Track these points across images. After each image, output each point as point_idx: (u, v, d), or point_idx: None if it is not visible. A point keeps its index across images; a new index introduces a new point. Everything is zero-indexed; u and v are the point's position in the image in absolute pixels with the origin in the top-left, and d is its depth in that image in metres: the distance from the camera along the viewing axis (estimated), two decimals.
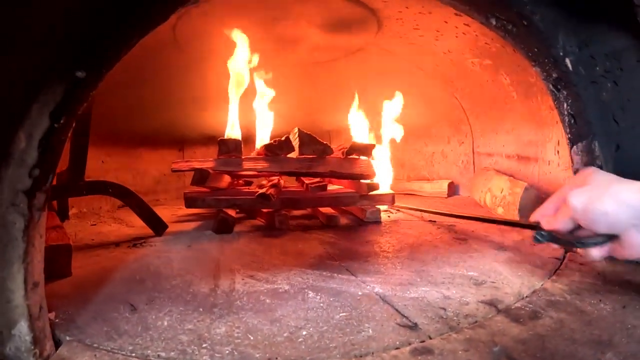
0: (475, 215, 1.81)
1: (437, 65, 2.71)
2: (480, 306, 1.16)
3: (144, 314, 1.15)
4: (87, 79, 0.93)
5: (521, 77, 2.14)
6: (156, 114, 2.83)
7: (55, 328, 1.03)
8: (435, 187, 3.11)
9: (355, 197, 2.26)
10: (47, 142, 0.88)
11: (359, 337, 1.01)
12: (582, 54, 1.36)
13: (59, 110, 0.89)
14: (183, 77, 2.62)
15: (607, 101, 1.37)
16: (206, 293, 1.30)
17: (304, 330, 1.05)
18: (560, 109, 1.48)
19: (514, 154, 2.53)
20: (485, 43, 2.11)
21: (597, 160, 1.43)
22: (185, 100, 2.76)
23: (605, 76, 1.35)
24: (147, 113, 2.78)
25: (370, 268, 1.50)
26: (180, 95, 2.73)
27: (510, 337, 0.98)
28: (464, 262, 1.54)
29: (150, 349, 0.97)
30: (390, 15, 2.25)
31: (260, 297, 1.26)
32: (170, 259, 1.66)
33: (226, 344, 0.98)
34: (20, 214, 0.86)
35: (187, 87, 2.66)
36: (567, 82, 1.40)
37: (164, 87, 2.64)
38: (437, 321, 1.08)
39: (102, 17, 0.93)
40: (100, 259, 1.71)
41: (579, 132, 1.46)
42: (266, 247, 1.83)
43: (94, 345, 0.98)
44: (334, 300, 1.22)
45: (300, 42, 2.59)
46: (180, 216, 2.55)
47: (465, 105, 2.92)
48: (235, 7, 2.13)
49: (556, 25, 1.34)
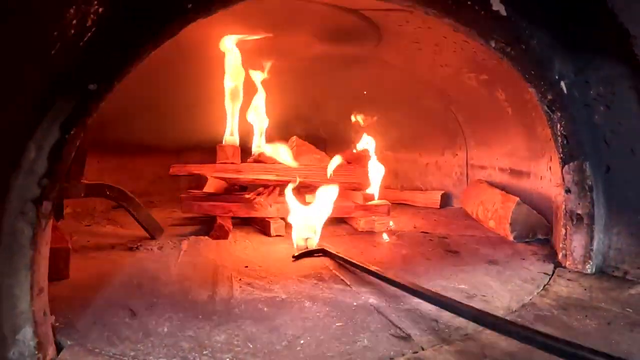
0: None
1: (434, 78, 2.74)
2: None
3: (144, 320, 1.18)
4: (99, 91, 0.95)
5: (516, 93, 2.17)
6: (155, 117, 2.85)
7: (57, 332, 1.05)
8: (428, 198, 3.13)
9: (351, 207, 2.29)
10: (56, 153, 0.90)
11: (355, 347, 1.04)
12: (577, 79, 1.40)
13: (69, 121, 0.91)
14: (184, 81, 2.63)
15: (599, 124, 1.42)
16: (205, 300, 1.32)
17: (302, 339, 1.08)
18: (553, 129, 1.52)
19: (507, 168, 2.57)
20: (482, 59, 2.15)
21: (587, 180, 1.47)
22: (185, 104, 2.77)
23: (598, 100, 1.40)
24: (146, 116, 2.80)
25: (364, 278, 1.52)
26: (180, 99, 2.74)
27: (499, 349, 1.01)
28: (455, 275, 1.57)
29: (152, 355, 0.99)
30: (390, 28, 2.28)
31: (258, 305, 1.29)
32: (168, 264, 1.69)
33: (226, 352, 1.01)
34: (28, 223, 0.88)
35: (187, 92, 2.68)
36: (561, 104, 1.44)
37: (165, 91, 2.66)
38: (429, 333, 1.11)
39: (117, 31, 0.95)
40: (97, 261, 1.73)
41: (570, 152, 1.49)
42: (262, 254, 1.86)
43: (95, 350, 1.00)
44: (330, 310, 1.25)
45: (301, 52, 2.61)
46: (175, 219, 2.55)
47: (461, 118, 2.95)
48: (238, 16, 2.15)
49: (553, 50, 1.38)
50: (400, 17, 2.10)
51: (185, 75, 2.63)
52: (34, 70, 0.88)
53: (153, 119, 2.87)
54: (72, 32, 0.89)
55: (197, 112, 2.76)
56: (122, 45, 0.97)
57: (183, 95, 2.72)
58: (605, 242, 1.54)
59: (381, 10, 2.07)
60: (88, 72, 0.93)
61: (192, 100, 2.71)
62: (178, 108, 2.82)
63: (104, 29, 0.93)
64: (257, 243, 2.08)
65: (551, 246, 1.93)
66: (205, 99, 2.56)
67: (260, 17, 2.20)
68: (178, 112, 2.85)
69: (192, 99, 2.69)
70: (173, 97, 2.74)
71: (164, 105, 2.78)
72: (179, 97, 2.73)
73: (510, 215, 2.07)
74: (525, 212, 2.07)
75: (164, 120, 2.90)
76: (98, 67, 0.94)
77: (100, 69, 0.95)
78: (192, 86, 2.64)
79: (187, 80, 2.65)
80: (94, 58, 0.93)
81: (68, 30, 0.88)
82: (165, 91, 2.68)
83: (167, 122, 2.92)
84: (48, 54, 0.88)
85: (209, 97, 2.53)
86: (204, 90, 2.56)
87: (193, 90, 2.66)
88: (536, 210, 2.09)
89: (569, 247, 1.61)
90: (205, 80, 2.57)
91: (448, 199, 3.15)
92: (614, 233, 1.52)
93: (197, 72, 2.63)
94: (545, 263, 1.71)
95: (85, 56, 0.92)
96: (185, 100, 2.74)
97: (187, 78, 2.63)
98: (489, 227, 2.35)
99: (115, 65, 0.98)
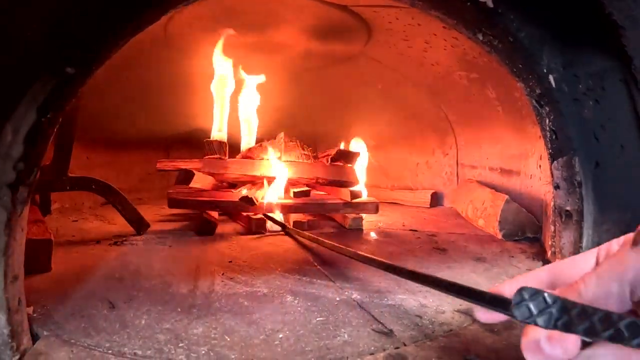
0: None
1: (425, 77, 2.73)
2: (456, 315, 1.18)
3: (122, 312, 1.16)
4: (76, 75, 0.93)
5: (507, 92, 2.17)
6: (143, 112, 2.83)
7: (33, 323, 1.03)
8: (418, 197, 3.12)
9: (339, 204, 2.27)
10: (33, 137, 0.88)
11: (335, 342, 1.02)
12: (565, 72, 1.38)
13: (46, 105, 0.89)
14: (173, 76, 2.62)
15: (588, 118, 1.40)
16: (185, 294, 1.30)
17: (281, 333, 1.06)
18: (542, 124, 1.51)
19: (498, 167, 2.56)
20: (473, 57, 2.14)
21: (576, 176, 1.45)
22: (173, 99, 2.75)
23: (587, 94, 1.38)
24: (134, 111, 2.78)
25: (349, 274, 1.51)
26: (168, 95, 2.73)
27: (484, 346, 1.00)
28: (442, 272, 1.56)
29: (127, 346, 0.97)
30: (380, 25, 2.27)
31: (239, 299, 1.27)
32: (151, 259, 1.67)
33: (203, 344, 0.99)
34: (3, 208, 0.86)
35: (176, 87, 2.66)
36: (550, 98, 1.42)
37: (153, 85, 2.64)
38: (412, 329, 1.10)
39: (95, 15, 0.93)
40: (81, 255, 1.71)
41: (559, 148, 1.48)
42: (247, 250, 1.84)
43: (71, 341, 0.99)
44: (312, 305, 1.23)
45: (289, 48, 2.59)
46: (163, 216, 2.54)
47: (451, 117, 2.94)
48: (226, 10, 2.13)
49: (541, 44, 1.37)
50: (389, 13, 2.09)
51: (174, 71, 2.61)
52: (9, 52, 0.86)
53: (142, 115, 2.85)
54: (48, 13, 0.87)
55: (186, 108, 2.74)
56: (101, 28, 0.95)
57: (171, 91, 2.71)
58: (595, 239, 1.52)
59: (369, 6, 2.06)
60: (65, 56, 0.91)
61: (181, 96, 2.69)
62: (167, 104, 2.79)
63: (82, 11, 0.91)
64: (242, 239, 2.06)
65: (540, 244, 1.91)
66: (195, 94, 2.54)
67: (248, 12, 2.19)
68: (167, 108, 2.83)
69: (181, 94, 2.67)
70: (162, 93, 2.72)
71: (153, 101, 2.76)
72: (167, 92, 2.72)
73: (500, 213, 2.06)
74: (515, 210, 2.06)
75: (153, 116, 2.89)
76: (76, 50, 0.92)
77: (78, 53, 0.93)
78: (182, 82, 2.63)
79: (176, 76, 2.63)
80: (71, 41, 0.91)
81: (44, 11, 0.86)
82: (154, 87, 2.66)
83: (156, 118, 2.90)
84: (23, 35, 0.86)
85: (198, 92, 2.51)
86: (194, 86, 2.55)
87: (183, 85, 2.64)
88: (526, 209, 2.07)
89: (557, 244, 1.59)
90: (194, 76, 2.56)
91: (438, 198, 3.14)
92: (604, 230, 1.50)
93: (186, 67, 2.61)
94: (534, 261, 1.69)
95: (62, 39, 0.90)
96: (175, 96, 2.72)
97: (177, 74, 2.62)
98: (478, 225, 2.34)
99: (94, 49, 0.96)
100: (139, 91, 2.64)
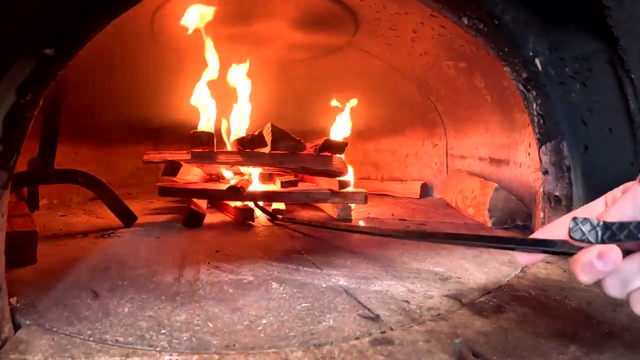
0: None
1: (413, 67, 2.73)
2: (444, 300, 1.16)
3: (105, 301, 1.14)
4: (56, 57, 0.93)
5: (495, 81, 2.16)
6: (131, 107, 2.82)
7: (16, 312, 1.02)
8: (408, 188, 3.12)
9: (327, 194, 2.26)
10: (12, 118, 0.87)
11: (319, 327, 1.00)
12: (551, 55, 1.37)
13: (26, 86, 0.88)
14: (159, 70, 2.60)
15: (575, 102, 1.39)
16: (170, 282, 1.29)
17: (265, 319, 1.05)
18: (529, 109, 1.50)
19: (487, 157, 2.55)
20: (460, 45, 2.13)
21: (565, 161, 1.45)
22: (160, 93, 2.74)
23: (574, 77, 1.37)
24: (122, 105, 2.77)
25: (336, 262, 1.50)
26: (155, 88, 2.71)
27: (472, 329, 0.98)
28: (431, 258, 1.55)
29: (108, 333, 0.96)
30: (367, 15, 2.26)
31: (224, 287, 1.26)
32: (137, 249, 1.65)
33: (185, 331, 0.97)
34: None
35: (163, 80, 2.64)
36: (537, 82, 1.42)
37: (140, 79, 2.62)
38: (399, 313, 1.08)
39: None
40: (67, 248, 1.69)
41: (547, 132, 1.47)
42: (234, 240, 1.82)
43: (53, 330, 0.97)
44: (297, 292, 1.22)
45: (276, 39, 2.58)
46: (151, 209, 2.53)
47: (440, 108, 2.94)
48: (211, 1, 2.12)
49: (527, 26, 1.36)
50: (376, 2, 2.08)
51: (160, 62, 2.60)
52: None
53: (129, 109, 2.84)
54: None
55: (174, 100, 2.72)
56: (79, 9, 0.94)
57: (159, 84, 2.69)
58: None
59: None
60: (44, 37, 0.90)
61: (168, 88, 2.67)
62: (154, 96, 2.78)
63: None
64: (230, 229, 2.06)
65: (530, 232, 1.90)
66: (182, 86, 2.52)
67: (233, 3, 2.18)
68: (154, 101, 2.82)
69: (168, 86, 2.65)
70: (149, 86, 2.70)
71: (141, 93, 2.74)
72: (154, 85, 2.70)
73: (489, 201, 2.05)
74: (504, 198, 2.05)
75: (140, 109, 2.88)
76: (55, 31, 0.91)
77: (57, 34, 0.92)
78: (168, 74, 2.61)
79: (163, 69, 2.62)
80: (50, 22, 0.90)
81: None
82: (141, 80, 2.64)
83: (143, 111, 2.89)
84: (3, 16, 0.84)
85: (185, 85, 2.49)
86: (180, 78, 2.53)
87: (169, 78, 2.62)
88: (516, 197, 2.07)
89: None
90: (181, 68, 2.54)
91: (428, 189, 3.14)
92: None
93: (172, 59, 2.60)
94: None
95: (40, 20, 0.89)
96: (162, 89, 2.70)
97: (163, 66, 2.60)
98: (468, 214, 2.34)
99: (72, 31, 0.95)
100: (124, 83, 2.62)
